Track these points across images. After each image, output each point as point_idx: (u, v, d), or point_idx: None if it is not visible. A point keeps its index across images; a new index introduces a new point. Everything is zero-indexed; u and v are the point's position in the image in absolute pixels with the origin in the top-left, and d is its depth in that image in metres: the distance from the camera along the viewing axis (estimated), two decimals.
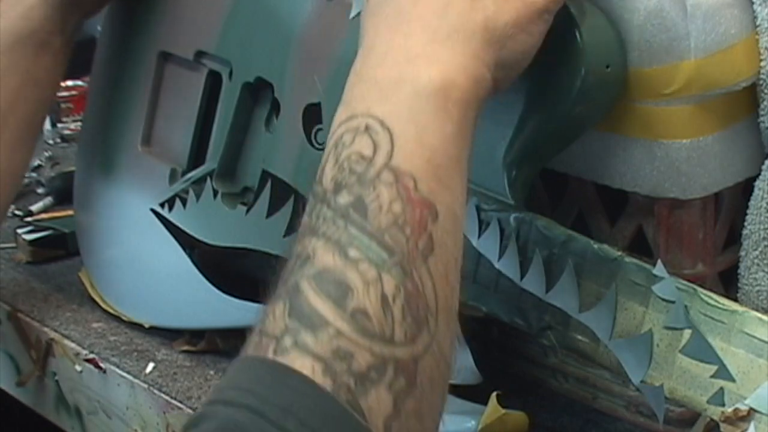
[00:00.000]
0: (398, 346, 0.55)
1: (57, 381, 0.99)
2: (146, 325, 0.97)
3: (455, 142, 0.61)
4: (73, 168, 1.09)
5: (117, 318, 0.99)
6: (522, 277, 0.72)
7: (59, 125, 1.40)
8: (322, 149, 0.62)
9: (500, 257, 0.73)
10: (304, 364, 0.54)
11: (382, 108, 0.60)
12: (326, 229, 0.57)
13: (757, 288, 0.77)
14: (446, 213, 0.59)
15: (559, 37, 0.71)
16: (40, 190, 1.26)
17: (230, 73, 0.92)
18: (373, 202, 0.57)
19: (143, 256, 0.98)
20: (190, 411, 0.87)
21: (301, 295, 0.55)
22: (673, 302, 0.66)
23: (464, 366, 0.84)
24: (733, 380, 0.63)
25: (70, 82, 1.41)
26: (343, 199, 0.58)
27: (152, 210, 0.96)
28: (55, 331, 0.99)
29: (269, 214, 0.88)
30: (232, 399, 0.54)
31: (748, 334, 0.63)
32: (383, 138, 0.59)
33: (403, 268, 0.56)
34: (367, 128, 0.59)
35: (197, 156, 0.95)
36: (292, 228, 0.85)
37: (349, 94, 0.62)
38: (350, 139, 0.59)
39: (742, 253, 0.77)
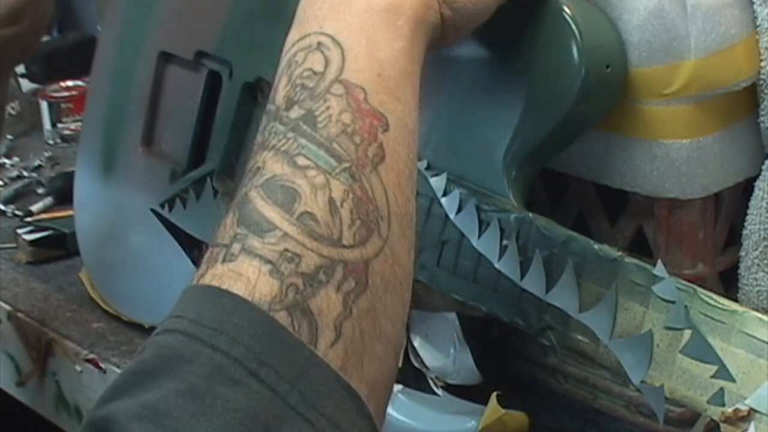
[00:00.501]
0: (347, 248, 0.55)
1: (57, 381, 0.99)
2: (146, 325, 0.97)
3: (406, 57, 0.61)
4: (73, 168, 1.09)
5: (117, 318, 0.99)
6: (522, 277, 0.72)
7: (59, 125, 1.40)
8: None
9: (500, 257, 0.73)
10: (251, 267, 0.54)
11: (334, 25, 0.61)
12: (276, 142, 0.57)
13: (757, 288, 0.77)
14: (397, 124, 0.59)
15: (559, 38, 0.71)
16: (40, 190, 1.26)
17: (230, 73, 0.92)
18: (323, 113, 0.58)
19: (143, 256, 0.98)
20: None
21: (250, 203, 0.56)
22: (673, 302, 0.66)
23: (464, 366, 0.84)
24: (733, 380, 0.63)
25: (70, 82, 1.41)
26: (294, 113, 0.58)
27: (152, 210, 0.96)
28: (55, 331, 0.99)
29: None
30: (167, 326, 0.54)
31: (748, 334, 0.63)
32: (334, 53, 0.60)
33: (352, 174, 0.56)
34: (318, 45, 0.60)
35: (197, 156, 0.95)
36: None
37: (302, 15, 0.63)
38: (303, 57, 0.60)
39: (742, 253, 0.77)
